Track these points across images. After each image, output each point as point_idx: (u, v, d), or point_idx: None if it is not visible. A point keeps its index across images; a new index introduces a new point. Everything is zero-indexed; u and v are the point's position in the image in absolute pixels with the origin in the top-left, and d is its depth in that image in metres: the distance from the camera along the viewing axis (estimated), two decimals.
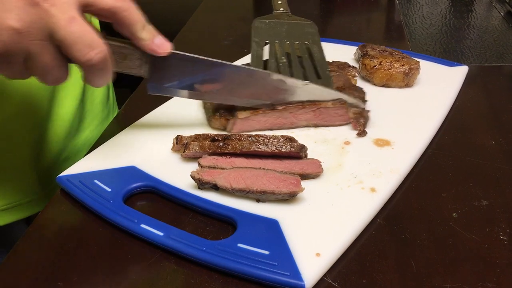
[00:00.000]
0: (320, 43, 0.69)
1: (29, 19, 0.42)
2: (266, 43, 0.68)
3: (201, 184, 0.51)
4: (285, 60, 0.65)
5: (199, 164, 0.53)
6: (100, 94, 0.79)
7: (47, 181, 0.69)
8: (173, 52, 0.54)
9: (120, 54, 0.52)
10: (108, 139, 0.61)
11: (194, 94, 0.59)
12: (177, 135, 0.57)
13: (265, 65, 0.64)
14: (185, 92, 0.58)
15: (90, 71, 0.47)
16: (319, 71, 0.64)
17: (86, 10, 0.46)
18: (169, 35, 1.01)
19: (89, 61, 0.45)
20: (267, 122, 0.61)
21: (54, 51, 0.45)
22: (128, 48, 0.52)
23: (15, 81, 0.49)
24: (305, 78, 0.64)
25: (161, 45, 0.52)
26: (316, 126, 0.62)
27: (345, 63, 0.74)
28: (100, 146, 0.60)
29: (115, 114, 0.85)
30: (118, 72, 0.53)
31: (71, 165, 0.56)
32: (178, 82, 0.57)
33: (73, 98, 0.71)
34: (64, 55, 0.45)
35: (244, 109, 0.61)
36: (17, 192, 0.67)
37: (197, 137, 0.56)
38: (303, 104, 0.61)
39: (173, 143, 0.58)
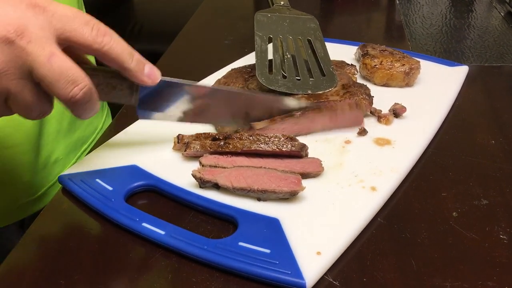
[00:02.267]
0: (322, 39, 0.69)
1: (6, 59, 0.40)
2: (269, 38, 0.68)
3: (202, 183, 0.51)
4: (289, 56, 0.65)
5: (200, 163, 0.53)
6: None
7: (40, 184, 0.69)
8: (162, 80, 0.51)
9: (108, 85, 0.50)
10: (110, 138, 0.61)
11: (184, 118, 0.57)
12: (178, 134, 0.57)
13: (270, 61, 0.64)
14: (176, 116, 0.56)
15: (75, 106, 0.45)
16: (323, 68, 0.65)
17: (65, 45, 0.43)
18: (170, 35, 1.01)
19: (73, 98, 0.43)
20: (284, 130, 0.60)
21: (36, 88, 0.43)
22: (117, 79, 0.49)
23: None
24: (309, 75, 0.64)
25: (151, 75, 0.49)
26: (331, 129, 0.61)
27: (343, 61, 0.74)
28: (101, 145, 0.60)
29: (105, 111, 0.85)
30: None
31: (63, 167, 0.56)
32: (168, 107, 0.55)
33: None
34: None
35: None
36: (11, 195, 0.66)
37: (198, 136, 0.56)
38: (320, 108, 0.60)
39: (174, 142, 0.58)
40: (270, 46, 0.67)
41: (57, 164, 0.71)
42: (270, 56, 0.66)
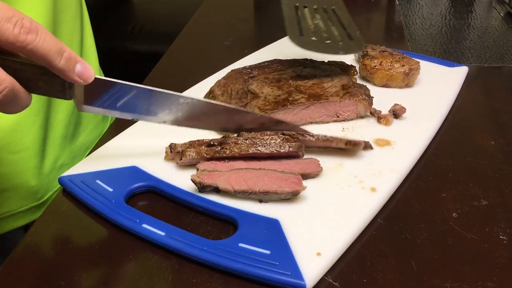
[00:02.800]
0: (345, 8, 0.72)
1: None
2: (295, 7, 0.69)
3: (202, 188, 0.51)
4: (317, 21, 0.67)
5: (197, 170, 0.53)
6: None
7: (45, 189, 0.69)
8: (96, 78, 0.48)
9: (39, 81, 0.46)
10: (110, 139, 0.61)
11: (127, 115, 0.54)
12: (171, 143, 0.56)
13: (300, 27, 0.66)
14: (116, 113, 0.54)
15: None
16: (350, 33, 0.66)
17: None
18: (170, 35, 1.01)
19: None
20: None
21: None
22: (48, 75, 0.45)
23: None
24: (338, 39, 0.66)
25: (82, 74, 0.45)
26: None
27: (342, 62, 0.74)
28: (101, 146, 0.60)
29: (109, 117, 0.85)
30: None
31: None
32: (106, 103, 0.52)
33: (69, 103, 0.71)
34: None
35: None
36: (18, 200, 0.67)
37: (191, 144, 0.56)
38: (316, 138, 0.57)
39: (166, 152, 0.56)
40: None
41: (62, 169, 0.71)
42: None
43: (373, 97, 0.65)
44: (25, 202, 0.67)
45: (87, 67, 0.46)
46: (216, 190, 0.51)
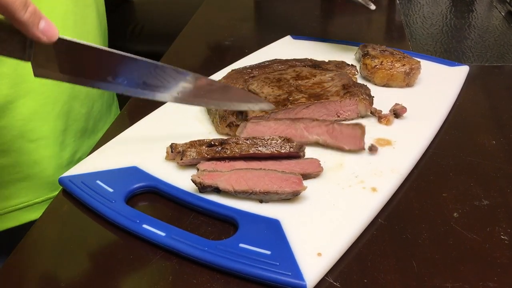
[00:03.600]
0: None
1: None
2: None
3: (203, 188, 0.51)
4: None
5: (198, 170, 0.53)
6: (108, 96, 0.79)
7: None
8: (60, 38, 0.46)
9: None
10: (110, 140, 0.61)
11: (85, 81, 0.51)
12: (171, 143, 0.56)
13: None
14: (77, 79, 0.51)
15: None
16: None
17: None
18: (171, 35, 1.01)
19: None
20: (277, 129, 0.59)
21: None
22: (7, 31, 0.43)
23: (36, 78, 0.48)
24: None
25: (47, 31, 0.44)
26: (327, 144, 0.58)
27: (343, 62, 0.74)
28: (102, 147, 0.60)
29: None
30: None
31: None
32: (66, 68, 0.49)
33: (88, 95, 0.71)
34: None
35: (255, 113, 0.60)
36: (34, 190, 0.67)
37: (192, 144, 0.56)
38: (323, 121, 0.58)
39: (167, 152, 0.56)
40: None
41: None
42: None
43: (373, 97, 0.65)
44: (42, 193, 0.67)
45: (52, 24, 0.44)
46: (217, 190, 0.51)
